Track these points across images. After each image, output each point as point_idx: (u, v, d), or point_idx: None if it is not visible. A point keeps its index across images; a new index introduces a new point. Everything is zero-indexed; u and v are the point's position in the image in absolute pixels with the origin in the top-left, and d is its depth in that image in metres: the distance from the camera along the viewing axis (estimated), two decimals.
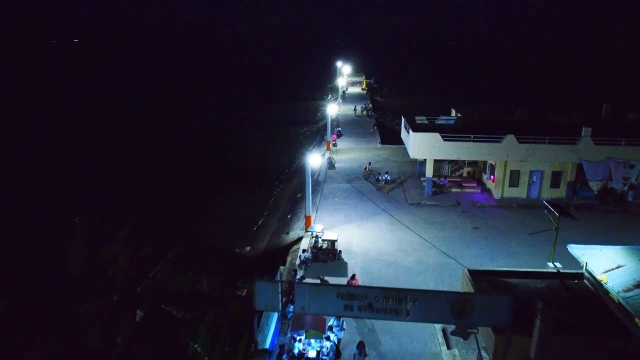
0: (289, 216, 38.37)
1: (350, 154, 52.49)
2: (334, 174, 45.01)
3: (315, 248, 28.04)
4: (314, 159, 31.16)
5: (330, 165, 46.85)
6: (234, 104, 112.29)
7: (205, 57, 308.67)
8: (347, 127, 66.41)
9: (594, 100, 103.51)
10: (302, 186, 45.30)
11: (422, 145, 36.60)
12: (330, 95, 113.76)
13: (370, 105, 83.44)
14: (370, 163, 44.36)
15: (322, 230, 28.98)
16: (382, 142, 57.11)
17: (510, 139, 35.69)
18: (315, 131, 72.92)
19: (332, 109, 53.86)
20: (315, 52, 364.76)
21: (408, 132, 38.73)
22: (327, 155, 50.80)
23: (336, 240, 27.74)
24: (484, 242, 30.66)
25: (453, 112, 47.76)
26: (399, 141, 61.94)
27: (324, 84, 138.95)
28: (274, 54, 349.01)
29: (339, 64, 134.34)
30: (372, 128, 65.06)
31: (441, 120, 43.76)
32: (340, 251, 28.04)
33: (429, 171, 37.94)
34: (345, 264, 27.62)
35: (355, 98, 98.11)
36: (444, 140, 36.00)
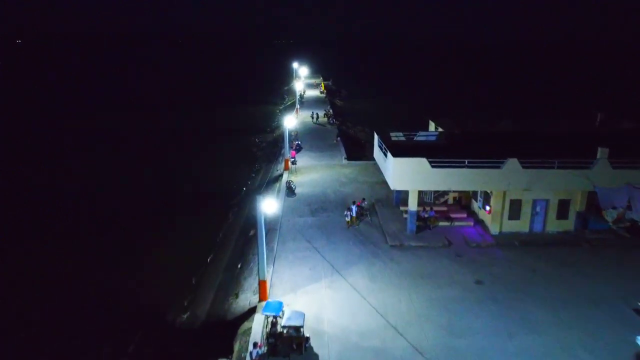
0: (239, 265, 29.66)
1: (312, 173, 44.16)
2: (295, 203, 36.55)
3: (273, 335, 19.57)
4: (269, 206, 22.56)
5: (290, 190, 38.39)
6: (179, 108, 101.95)
7: (154, 58, 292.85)
8: (307, 138, 58.06)
9: (570, 105, 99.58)
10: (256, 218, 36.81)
11: (404, 174, 28.66)
12: (286, 98, 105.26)
13: (331, 111, 75.32)
14: (364, 200, 34.05)
15: (281, 306, 20.47)
16: (348, 158, 49.01)
17: (512, 163, 28.28)
18: (271, 142, 64.28)
19: (290, 121, 45.40)
20: (270, 53, 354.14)
21: (385, 155, 30.73)
22: (286, 177, 42.32)
23: (302, 327, 19.32)
24: (494, 307, 22.96)
25: (432, 126, 40.22)
26: (367, 156, 54.38)
27: (279, 87, 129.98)
28: (226, 54, 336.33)
29: (295, 65, 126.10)
30: (335, 139, 56.94)
31: (421, 136, 36.10)
32: (308, 338, 19.68)
33: (412, 204, 30.06)
34: (316, 357, 19.29)
35: (314, 102, 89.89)
36: (432, 166, 28.19)
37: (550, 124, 43.29)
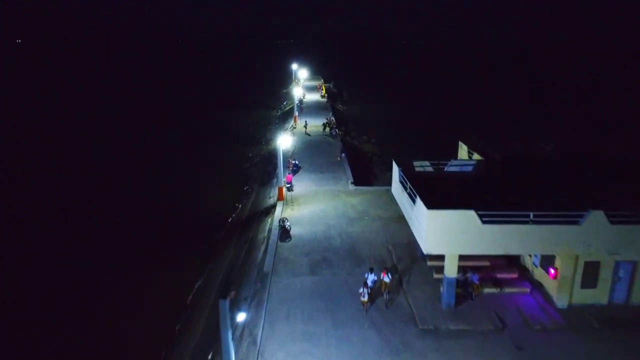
0: (209, 356, 20.96)
1: (311, 204, 35.43)
2: (289, 251, 27.84)
3: None
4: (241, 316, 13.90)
5: (283, 232, 29.67)
6: (176, 111, 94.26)
7: (154, 58, 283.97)
8: (305, 154, 49.32)
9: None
10: (240, 265, 28.28)
11: (444, 233, 19.94)
12: (285, 102, 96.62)
13: (333, 119, 66.42)
14: (387, 270, 22.51)
15: None
16: (355, 182, 40.26)
17: (597, 217, 19.58)
18: (266, 156, 55.57)
19: (285, 141, 36.51)
20: (269, 53, 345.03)
21: (413, 200, 22.00)
22: (279, 210, 33.61)
23: None
24: None
25: (462, 149, 31.49)
26: (380, 179, 46.15)
27: (278, 89, 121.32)
28: (227, 55, 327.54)
29: (294, 66, 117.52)
30: (339, 156, 48.13)
31: (453, 165, 27.37)
32: None
33: (450, 269, 21.37)
34: None
35: (314, 107, 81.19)
36: (484, 222, 19.47)
37: (603, 145, 34.71)
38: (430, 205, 19.55)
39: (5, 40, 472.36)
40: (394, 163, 26.91)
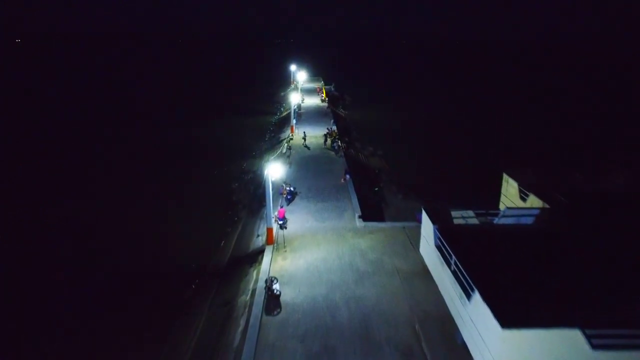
0: None
1: (308, 249, 27.36)
2: (277, 333, 19.80)
3: None
4: None
5: (271, 298, 21.64)
6: (171, 114, 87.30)
7: (153, 58, 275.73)
8: (303, 174, 41.35)
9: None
10: (226, 320, 20.41)
11: None
12: (282, 107, 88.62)
13: (335, 128, 58.31)
14: None
15: None
16: (364, 214, 32.19)
17: None
18: (258, 174, 47.41)
19: (276, 171, 28.20)
20: (267, 53, 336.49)
21: (467, 293, 13.92)
22: (267, 262, 25.56)
23: None
24: None
25: (511, 188, 23.35)
26: (391, 206, 38.29)
27: (276, 91, 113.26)
28: (226, 55, 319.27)
29: (292, 67, 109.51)
30: (342, 177, 40.06)
31: (506, 216, 19.29)
32: None
33: None
34: None
35: (313, 113, 73.19)
36: (595, 347, 11.43)
37: None
38: (505, 317, 11.47)
39: (5, 40, 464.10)
40: (423, 214, 18.85)
